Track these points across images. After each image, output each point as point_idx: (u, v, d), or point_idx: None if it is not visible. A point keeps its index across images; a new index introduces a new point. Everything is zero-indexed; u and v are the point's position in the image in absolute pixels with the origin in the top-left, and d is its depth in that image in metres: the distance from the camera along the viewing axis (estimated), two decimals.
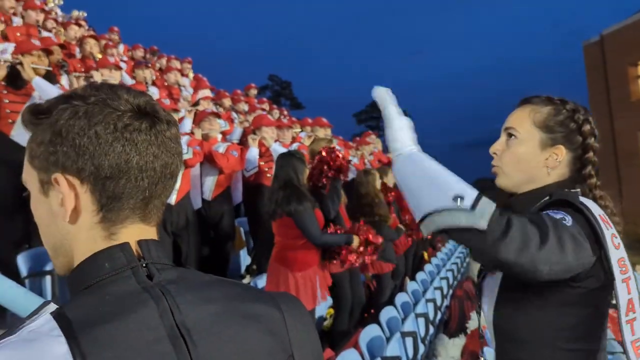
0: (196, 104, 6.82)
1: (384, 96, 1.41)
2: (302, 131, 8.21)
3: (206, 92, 7.55)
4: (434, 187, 1.29)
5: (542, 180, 1.52)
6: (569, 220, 1.32)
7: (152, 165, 0.78)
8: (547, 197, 1.46)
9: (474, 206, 1.22)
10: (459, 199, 1.23)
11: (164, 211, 0.85)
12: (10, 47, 5.10)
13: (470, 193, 1.24)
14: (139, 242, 0.78)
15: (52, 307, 0.71)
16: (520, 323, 1.46)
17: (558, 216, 1.33)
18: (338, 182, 4.49)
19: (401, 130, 1.38)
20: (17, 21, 7.02)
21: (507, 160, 1.55)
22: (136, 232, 0.79)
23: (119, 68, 5.92)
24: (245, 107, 9.53)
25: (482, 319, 1.62)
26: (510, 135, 1.55)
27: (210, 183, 5.29)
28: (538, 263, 1.22)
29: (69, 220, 0.77)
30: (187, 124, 5.92)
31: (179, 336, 0.72)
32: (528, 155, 1.52)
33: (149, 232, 0.81)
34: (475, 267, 5.66)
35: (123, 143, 0.75)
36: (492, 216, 1.21)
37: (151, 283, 0.75)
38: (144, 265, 0.77)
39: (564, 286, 1.36)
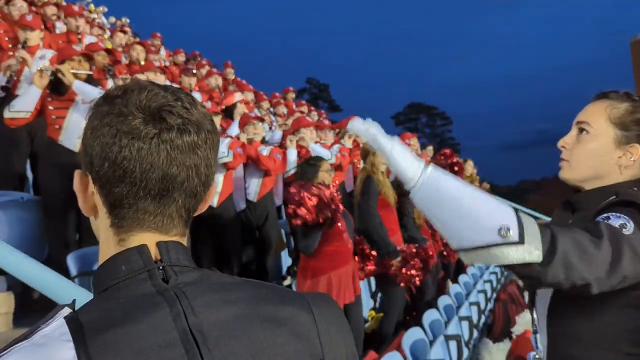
0: (233, 106, 6.84)
1: (365, 128, 1.32)
2: None
3: (239, 96, 7.50)
4: (471, 218, 1.21)
5: (612, 178, 1.47)
6: (630, 227, 1.26)
7: (149, 175, 0.74)
8: (614, 197, 1.39)
9: (521, 235, 1.16)
10: (504, 230, 1.16)
11: (206, 212, 0.83)
12: (49, 53, 5.21)
13: (511, 219, 1.18)
14: (158, 244, 0.77)
15: (66, 311, 0.71)
16: (578, 324, 1.40)
17: (619, 222, 1.28)
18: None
19: (404, 155, 1.29)
20: (61, 27, 7.16)
21: (577, 154, 1.51)
22: (149, 241, 0.77)
23: (163, 72, 6.05)
24: (284, 110, 9.58)
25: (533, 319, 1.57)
26: (582, 130, 1.51)
27: (255, 185, 5.34)
28: (588, 276, 1.18)
29: (92, 215, 0.80)
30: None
31: (191, 340, 0.69)
32: (600, 152, 1.47)
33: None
34: None
35: (120, 149, 0.73)
36: (543, 243, 1.16)
37: (166, 286, 0.73)
38: (161, 267, 0.75)
39: (626, 289, 1.30)
